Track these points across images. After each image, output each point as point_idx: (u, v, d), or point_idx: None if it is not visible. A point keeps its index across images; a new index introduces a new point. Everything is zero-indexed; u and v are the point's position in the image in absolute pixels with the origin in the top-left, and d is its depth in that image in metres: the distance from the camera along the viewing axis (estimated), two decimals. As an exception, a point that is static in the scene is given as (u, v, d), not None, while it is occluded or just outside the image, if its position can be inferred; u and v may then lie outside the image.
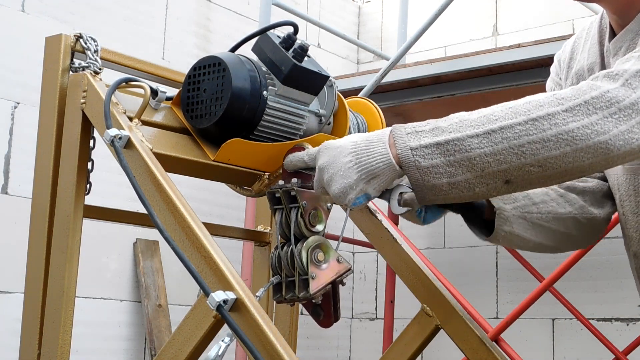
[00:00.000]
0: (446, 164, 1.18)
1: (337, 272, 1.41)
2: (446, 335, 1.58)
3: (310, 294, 1.37)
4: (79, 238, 1.40)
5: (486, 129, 1.18)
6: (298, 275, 1.39)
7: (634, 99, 1.18)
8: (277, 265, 1.42)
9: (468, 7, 4.74)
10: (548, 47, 3.23)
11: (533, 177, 1.19)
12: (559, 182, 1.22)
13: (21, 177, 3.42)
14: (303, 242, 1.40)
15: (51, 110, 1.43)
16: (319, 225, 1.42)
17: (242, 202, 3.87)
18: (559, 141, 1.16)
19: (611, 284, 3.95)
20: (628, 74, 1.20)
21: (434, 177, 1.18)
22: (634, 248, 1.49)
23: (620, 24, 1.47)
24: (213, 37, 4.31)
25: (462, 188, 1.19)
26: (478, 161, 1.17)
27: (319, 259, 1.40)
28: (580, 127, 1.16)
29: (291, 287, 1.41)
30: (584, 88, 1.19)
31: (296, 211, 1.40)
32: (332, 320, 1.45)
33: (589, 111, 1.17)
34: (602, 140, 1.16)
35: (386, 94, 3.89)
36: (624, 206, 1.49)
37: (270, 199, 1.43)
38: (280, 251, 1.42)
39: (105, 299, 3.70)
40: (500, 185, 1.19)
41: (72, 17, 3.67)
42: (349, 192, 1.23)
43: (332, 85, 1.56)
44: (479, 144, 1.17)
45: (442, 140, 1.18)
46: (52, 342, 1.36)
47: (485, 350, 1.52)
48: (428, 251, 4.62)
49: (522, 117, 1.17)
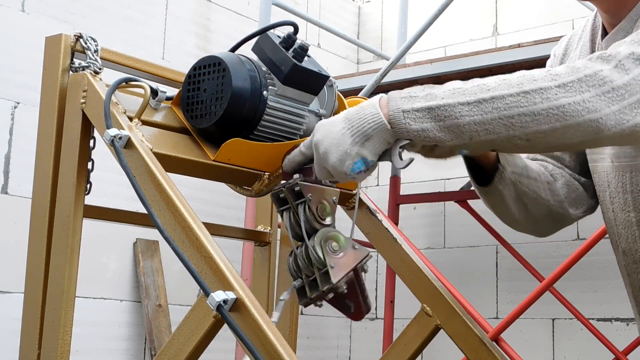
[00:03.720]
0: (436, 128, 1.19)
1: (356, 259, 1.38)
2: (446, 335, 1.58)
3: (333, 283, 1.34)
4: (79, 238, 1.40)
5: (478, 98, 1.19)
6: (318, 270, 1.35)
7: (627, 80, 1.18)
8: (295, 269, 1.39)
9: (468, 7, 4.74)
10: (548, 47, 3.23)
11: (520, 149, 1.21)
12: (543, 152, 1.25)
13: (21, 177, 3.42)
14: (314, 237, 1.37)
15: (51, 110, 1.43)
16: (328, 218, 1.40)
17: (242, 202, 3.86)
18: (549, 116, 1.16)
19: (611, 284, 3.95)
20: (621, 55, 1.20)
21: (422, 140, 1.20)
22: (623, 245, 1.49)
23: (612, 23, 1.47)
24: (213, 37, 4.31)
25: (447, 151, 1.24)
26: (467, 129, 1.18)
27: (334, 248, 1.37)
28: (571, 103, 1.16)
29: (314, 286, 1.37)
30: (578, 66, 1.20)
31: (303, 206, 1.38)
32: (363, 310, 1.42)
33: (581, 88, 1.17)
34: (592, 118, 1.16)
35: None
36: (614, 203, 1.49)
37: (275, 201, 1.41)
38: (295, 253, 1.39)
39: (105, 299, 3.70)
40: (485, 150, 1.24)
41: (72, 17, 3.67)
42: (346, 159, 1.23)
43: (332, 85, 1.56)
44: (469, 111, 1.18)
45: (434, 105, 1.20)
46: (52, 342, 1.36)
47: (485, 350, 1.52)
48: (428, 251, 4.62)
49: (514, 89, 1.18)
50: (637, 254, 1.47)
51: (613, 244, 1.54)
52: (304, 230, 1.37)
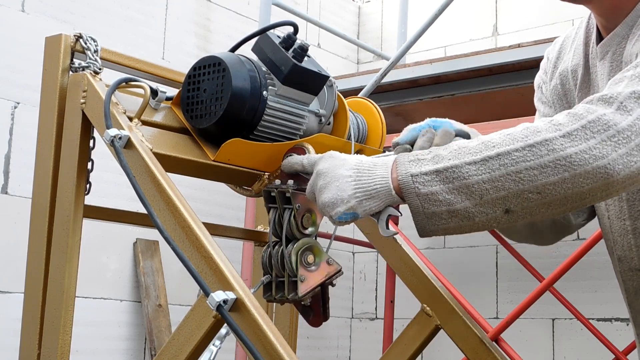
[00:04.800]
0: (445, 191, 1.18)
1: (327, 274, 1.43)
2: (446, 335, 1.58)
3: (298, 296, 1.39)
4: (79, 238, 1.40)
5: (484, 156, 1.17)
6: (287, 277, 1.40)
7: (631, 122, 1.17)
8: (267, 264, 1.44)
9: (468, 7, 4.74)
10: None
11: (532, 204, 1.17)
12: (561, 210, 1.20)
13: (21, 177, 3.42)
14: (293, 244, 1.41)
15: (51, 110, 1.43)
16: (311, 227, 1.43)
17: (242, 202, 3.86)
18: (557, 167, 1.15)
19: (611, 284, 3.94)
20: (622, 96, 1.19)
21: (433, 204, 1.18)
22: (619, 252, 1.49)
23: (606, 27, 1.46)
24: (213, 37, 4.31)
25: (461, 217, 1.19)
26: (476, 188, 1.17)
27: (309, 261, 1.41)
28: (578, 152, 1.15)
29: (281, 287, 1.42)
30: (580, 112, 1.18)
31: (290, 212, 1.41)
32: (321, 319, 1.46)
33: (586, 135, 1.16)
34: (601, 165, 1.15)
35: (386, 94, 3.89)
36: (609, 210, 1.49)
37: (265, 197, 1.45)
38: (271, 250, 1.43)
39: (105, 299, 3.70)
40: (500, 215, 1.18)
41: (72, 17, 3.67)
42: (339, 205, 1.23)
43: (332, 85, 1.56)
44: (477, 170, 1.17)
45: (441, 167, 1.19)
46: (52, 342, 1.36)
47: (485, 350, 1.52)
48: (428, 251, 4.62)
49: (519, 143, 1.17)
50: (633, 261, 1.47)
51: (609, 250, 1.54)
52: (284, 235, 1.41)
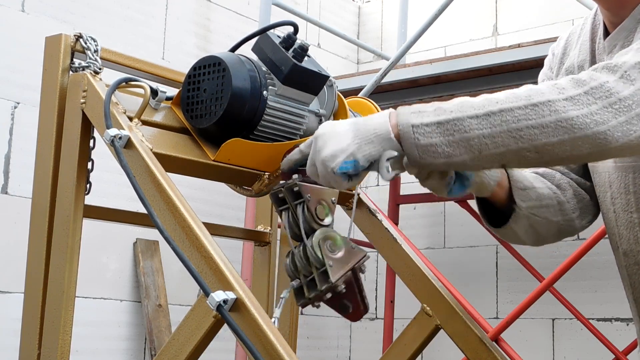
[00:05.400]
0: (445, 143, 1.19)
1: (354, 259, 1.39)
2: (446, 335, 1.58)
3: (332, 282, 1.34)
4: (79, 238, 1.40)
5: (486, 111, 1.19)
6: (316, 270, 1.36)
7: (633, 91, 1.18)
8: (293, 269, 1.39)
9: (468, 7, 4.74)
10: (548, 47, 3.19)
11: (529, 162, 1.20)
12: (554, 167, 1.23)
13: (21, 177, 3.42)
14: (312, 237, 1.37)
15: (51, 110, 1.43)
16: (327, 218, 1.40)
17: (242, 202, 3.87)
18: (558, 128, 1.16)
19: (611, 284, 3.95)
20: (627, 65, 1.20)
21: (431, 156, 1.20)
22: (625, 246, 1.49)
23: (613, 21, 1.46)
24: (213, 37, 4.31)
25: (457, 167, 1.23)
26: (476, 142, 1.18)
27: (332, 248, 1.37)
28: (579, 116, 1.16)
29: (312, 286, 1.37)
30: (583, 78, 1.20)
31: (302, 206, 1.38)
32: (361, 310, 1.42)
33: (588, 101, 1.17)
34: (600, 131, 1.16)
35: (386, 94, 3.89)
36: (615, 204, 1.49)
37: (274, 201, 1.41)
38: (293, 254, 1.39)
39: (105, 299, 3.70)
40: (495, 168, 1.22)
41: (72, 17, 3.67)
42: (338, 155, 1.23)
43: (332, 85, 1.56)
44: (478, 125, 1.18)
45: (443, 119, 1.20)
46: (52, 342, 1.36)
47: (485, 350, 1.52)
48: (428, 251, 4.62)
49: (522, 101, 1.18)
50: (639, 255, 1.47)
51: (613, 245, 1.53)
52: (303, 230, 1.37)
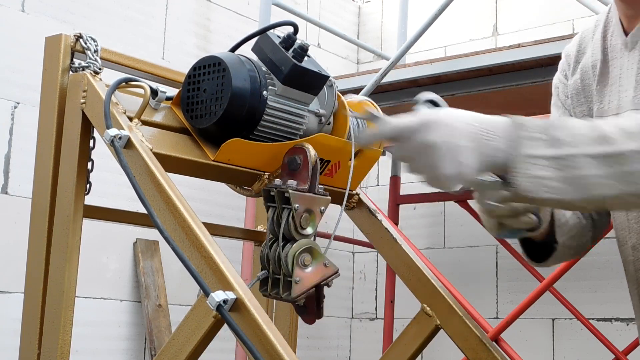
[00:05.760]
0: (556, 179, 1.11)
1: (322, 276, 1.43)
2: (446, 335, 1.58)
3: (292, 297, 1.39)
4: (79, 238, 1.40)
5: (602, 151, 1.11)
6: (283, 276, 1.41)
7: None
8: (265, 260, 1.44)
9: (468, 7, 4.74)
10: (548, 47, 3.23)
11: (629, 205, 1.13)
12: None
13: (21, 177, 3.42)
14: (292, 244, 1.41)
15: (51, 110, 1.43)
16: (309, 228, 1.43)
17: (242, 202, 3.86)
18: None
19: (611, 284, 3.96)
20: None
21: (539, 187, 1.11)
22: (634, 240, 1.48)
23: (631, 16, 1.44)
24: (213, 37, 4.31)
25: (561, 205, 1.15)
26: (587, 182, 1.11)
27: (305, 262, 1.41)
28: None
29: (277, 284, 1.43)
30: None
31: (288, 212, 1.41)
32: (314, 318, 1.47)
33: None
34: None
35: (386, 93, 3.89)
36: None
37: (265, 195, 1.45)
38: (269, 247, 1.43)
39: (105, 299, 3.70)
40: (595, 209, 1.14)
41: (72, 17, 3.67)
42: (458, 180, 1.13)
43: (332, 85, 1.56)
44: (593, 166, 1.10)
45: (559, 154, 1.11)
46: (52, 342, 1.36)
47: (485, 350, 1.52)
48: (428, 251, 4.62)
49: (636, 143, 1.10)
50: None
51: (620, 240, 1.53)
52: (282, 234, 1.41)
